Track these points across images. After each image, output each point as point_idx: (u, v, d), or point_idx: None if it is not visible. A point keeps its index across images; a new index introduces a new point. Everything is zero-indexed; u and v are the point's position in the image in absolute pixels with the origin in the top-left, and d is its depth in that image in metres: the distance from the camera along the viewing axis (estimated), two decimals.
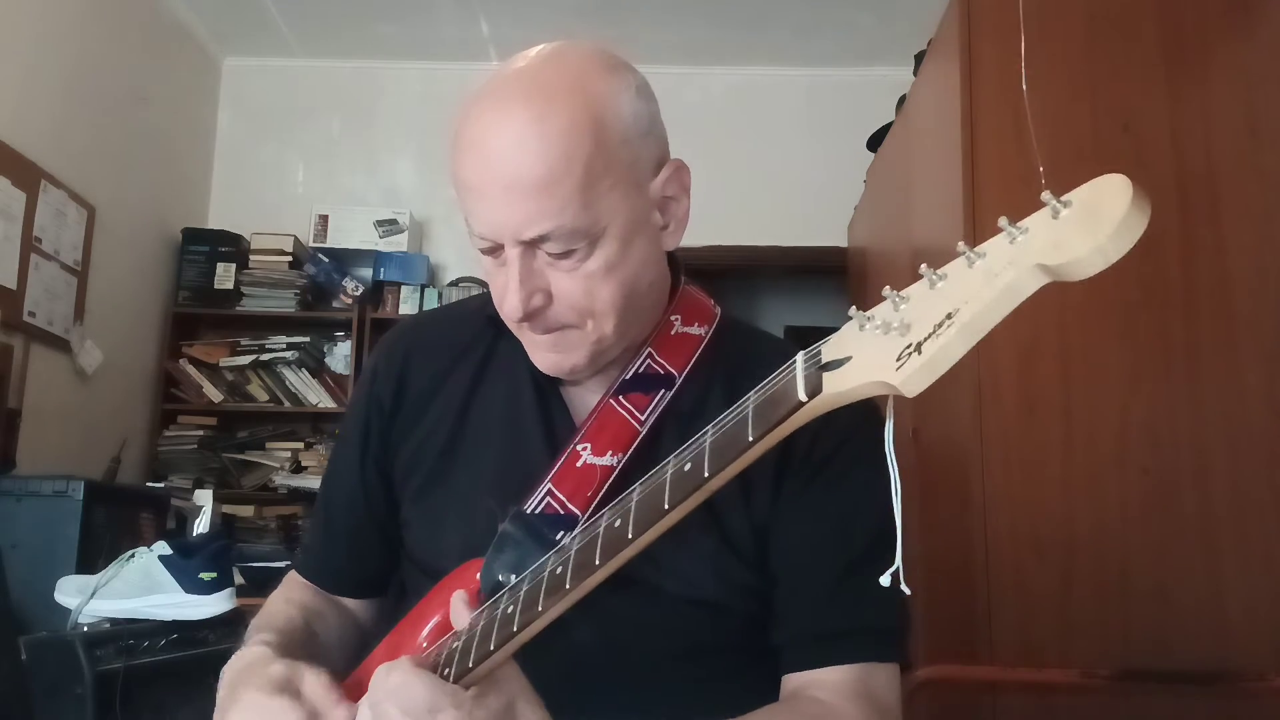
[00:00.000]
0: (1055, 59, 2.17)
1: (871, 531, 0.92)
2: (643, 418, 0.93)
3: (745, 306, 5.39)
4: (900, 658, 0.94)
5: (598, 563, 0.69)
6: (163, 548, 1.92)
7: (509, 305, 0.88)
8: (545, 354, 0.93)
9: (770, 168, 4.17)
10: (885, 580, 0.61)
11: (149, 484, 3.62)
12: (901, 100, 2.96)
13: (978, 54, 2.22)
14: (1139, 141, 2.13)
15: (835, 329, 0.63)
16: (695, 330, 0.98)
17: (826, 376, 0.60)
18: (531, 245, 0.86)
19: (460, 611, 0.81)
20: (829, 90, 4.31)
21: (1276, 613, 1.94)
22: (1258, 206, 2.11)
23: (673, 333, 0.97)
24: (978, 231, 2.09)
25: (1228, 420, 2.02)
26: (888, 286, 0.59)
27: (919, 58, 2.74)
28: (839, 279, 4.07)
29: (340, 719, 0.81)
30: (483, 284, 4.11)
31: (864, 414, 0.75)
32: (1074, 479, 2.02)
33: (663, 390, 0.94)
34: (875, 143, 3.31)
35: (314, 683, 0.84)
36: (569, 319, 0.90)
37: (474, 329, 1.05)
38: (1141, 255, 0.61)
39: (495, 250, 0.88)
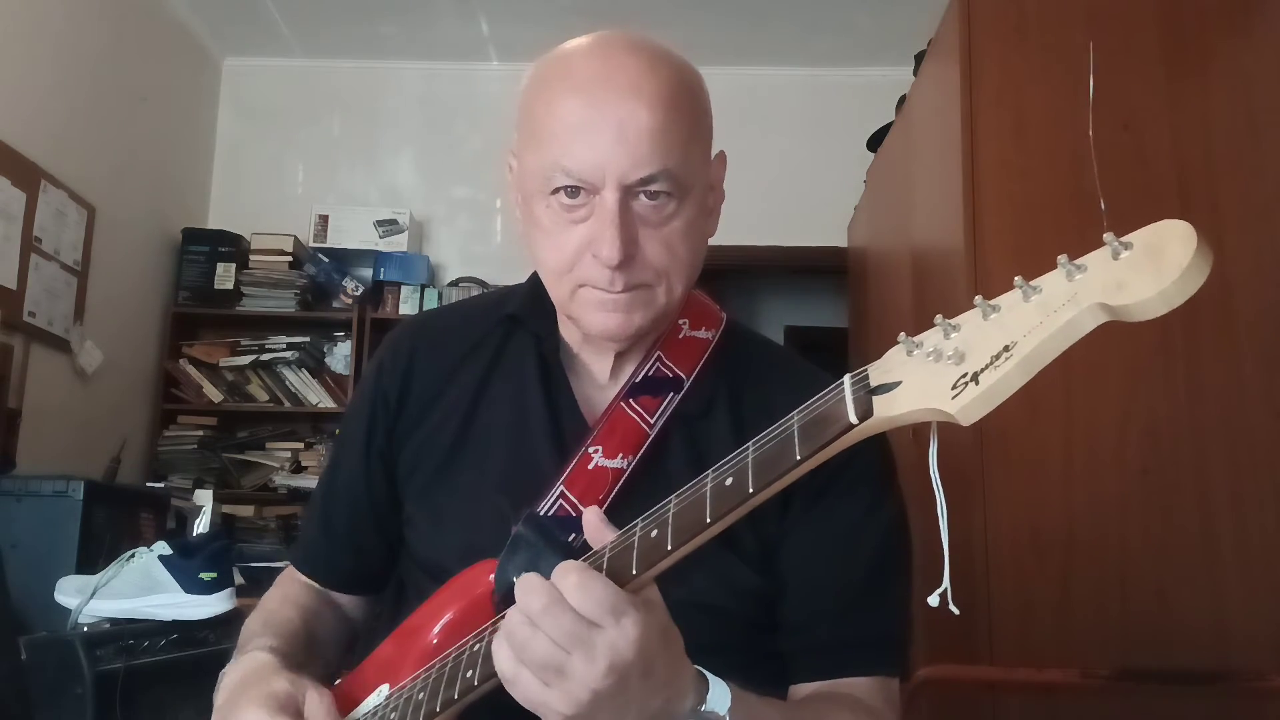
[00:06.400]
0: (1055, 59, 2.17)
1: (884, 543, 0.93)
2: (652, 420, 0.93)
3: (745, 306, 5.39)
4: (905, 672, 0.95)
5: (634, 572, 0.70)
6: (163, 548, 1.92)
7: (606, 250, 0.86)
8: (610, 314, 0.90)
9: (770, 168, 4.16)
10: (933, 600, 0.61)
11: (149, 484, 3.61)
12: (901, 100, 2.96)
13: (978, 54, 2.22)
14: (1139, 141, 2.13)
15: (835, 329, 0.64)
16: (702, 334, 0.99)
17: (876, 400, 0.61)
18: (630, 191, 0.86)
19: (600, 529, 0.75)
20: (829, 90, 4.31)
21: (1276, 613, 1.94)
22: (1258, 206, 2.10)
23: (680, 336, 0.98)
24: (978, 231, 2.09)
25: (1228, 420, 2.02)
26: (939, 315, 0.60)
27: (919, 58, 2.74)
28: (839, 279, 4.07)
29: None
30: (482, 284, 4.11)
31: None
32: (1074, 479, 2.02)
33: (671, 393, 0.95)
34: (875, 143, 3.31)
35: (316, 705, 0.83)
36: (647, 277, 0.90)
37: (482, 328, 1.04)
38: None
39: (576, 208, 0.87)
